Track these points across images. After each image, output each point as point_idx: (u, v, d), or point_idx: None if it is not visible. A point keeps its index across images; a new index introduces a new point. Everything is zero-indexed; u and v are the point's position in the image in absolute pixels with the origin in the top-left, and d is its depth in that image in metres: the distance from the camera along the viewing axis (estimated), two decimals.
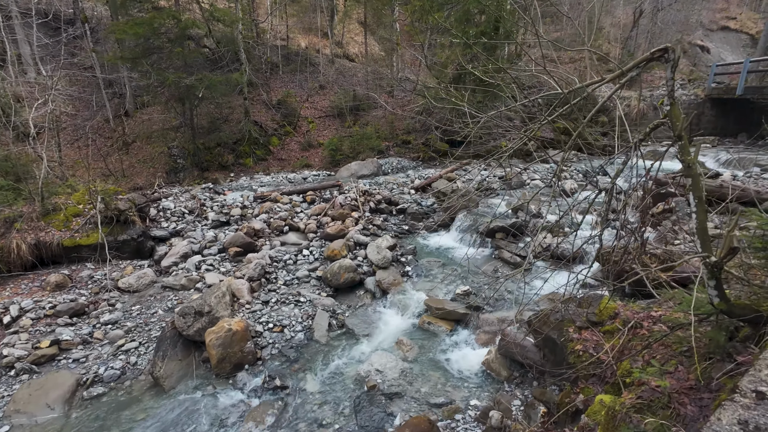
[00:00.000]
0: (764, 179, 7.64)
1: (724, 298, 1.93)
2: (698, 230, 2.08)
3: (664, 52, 1.97)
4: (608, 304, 3.29)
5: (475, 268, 6.82)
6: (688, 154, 2.08)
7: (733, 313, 1.97)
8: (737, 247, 1.89)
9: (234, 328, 4.78)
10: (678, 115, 2.08)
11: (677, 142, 2.11)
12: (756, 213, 2.33)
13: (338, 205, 8.64)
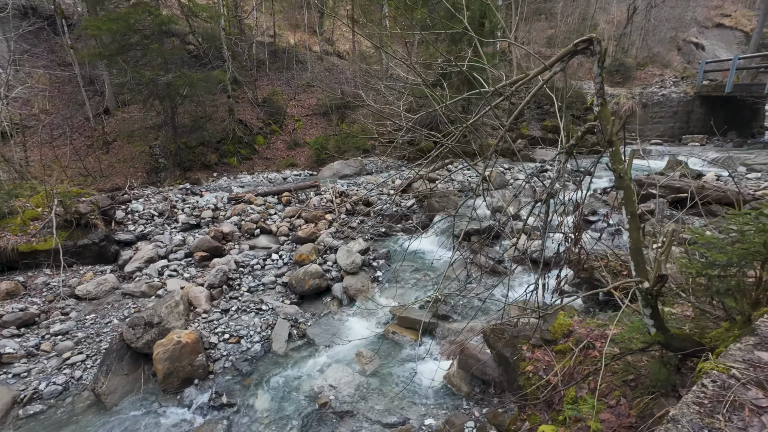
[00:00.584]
0: (748, 179, 7.43)
1: (662, 329, 1.69)
2: (632, 251, 1.83)
3: (588, 44, 1.72)
4: (563, 321, 3.05)
5: (448, 272, 6.57)
6: (620, 163, 1.83)
7: (672, 346, 1.73)
8: (665, 274, 1.64)
9: (184, 340, 4.52)
10: (608, 117, 1.83)
11: (608, 149, 1.86)
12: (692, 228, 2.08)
13: (313, 206, 8.38)
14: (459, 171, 11.08)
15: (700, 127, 14.46)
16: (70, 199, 7.01)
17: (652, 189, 7.18)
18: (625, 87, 24.01)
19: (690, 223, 6.33)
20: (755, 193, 6.44)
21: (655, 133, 14.52)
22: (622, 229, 6.91)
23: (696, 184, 6.73)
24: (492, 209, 8.16)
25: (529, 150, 13.98)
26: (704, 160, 10.87)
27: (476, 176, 10.35)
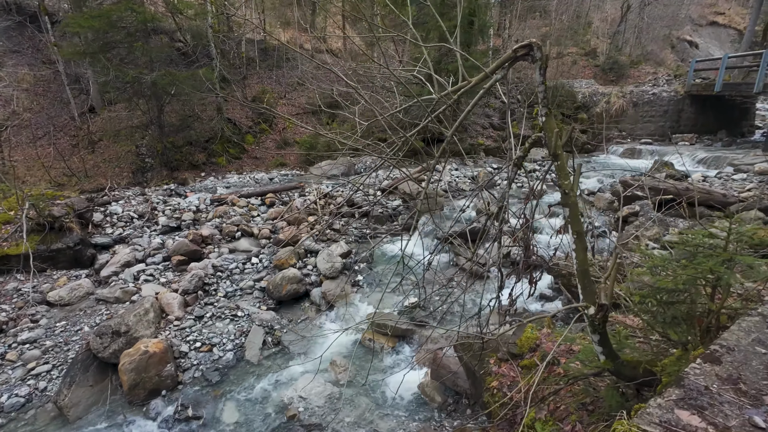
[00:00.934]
0: (734, 180, 7.36)
1: (611, 356, 1.58)
2: (578, 273, 1.72)
3: (528, 50, 1.60)
4: (531, 334, 2.94)
5: (430, 276, 6.46)
6: (566, 178, 1.71)
7: (622, 374, 1.62)
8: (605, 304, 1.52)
9: (152, 350, 4.39)
10: (552, 128, 1.71)
11: (553, 163, 1.74)
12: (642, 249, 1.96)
13: (296, 208, 8.24)
14: (447, 171, 10.97)
15: (690, 126, 14.41)
16: (44, 202, 6.83)
17: (637, 190, 7.10)
18: (618, 85, 23.98)
19: (673, 225, 6.26)
20: (739, 195, 6.37)
21: (646, 132, 14.46)
22: (607, 232, 6.84)
23: (681, 185, 6.65)
24: (477, 210, 8.06)
25: None
26: (690, 161, 10.83)
27: (463, 177, 10.24)
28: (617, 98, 14.39)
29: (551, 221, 7.50)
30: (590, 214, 7.43)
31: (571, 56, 27.93)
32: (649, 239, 6.00)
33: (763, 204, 5.93)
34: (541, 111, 1.71)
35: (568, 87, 14.69)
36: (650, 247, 5.84)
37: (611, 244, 6.49)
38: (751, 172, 7.86)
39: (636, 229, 6.17)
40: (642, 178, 7.23)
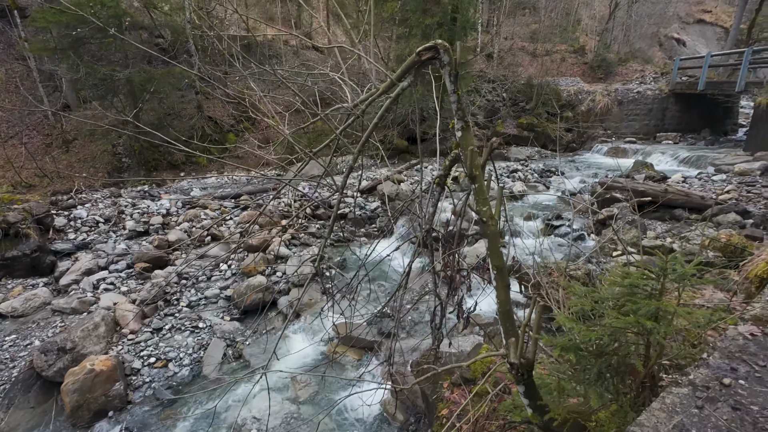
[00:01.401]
0: (714, 182, 7.25)
1: (539, 410, 1.38)
2: (500, 315, 1.50)
3: (433, 52, 1.38)
4: (485, 357, 2.74)
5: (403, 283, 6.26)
6: (484, 204, 1.50)
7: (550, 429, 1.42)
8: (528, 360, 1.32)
9: (98, 367, 4.12)
10: (469, 144, 1.50)
11: (472, 185, 1.53)
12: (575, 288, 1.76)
13: (269, 211, 7.97)
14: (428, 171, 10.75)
15: (675, 124, 14.37)
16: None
17: (616, 192, 6.95)
18: (606, 82, 23.96)
19: (652, 228, 6.11)
20: (717, 197, 6.25)
21: (631, 130, 14.40)
22: (585, 235, 6.68)
23: (659, 187, 6.52)
24: (453, 212, 7.85)
25: (504, 148, 13.72)
26: (672, 160, 10.74)
27: None
28: (602, 96, 14.29)
29: (530, 224, 7.34)
30: (569, 217, 7.28)
31: (560, 53, 27.88)
32: (627, 243, 5.86)
33: (741, 207, 5.81)
34: (456, 125, 1.49)
35: (553, 85, 14.55)
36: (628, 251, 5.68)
37: (589, 248, 6.34)
38: (731, 173, 7.77)
39: (612, 233, 6.01)
40: (621, 179, 7.09)
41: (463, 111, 1.45)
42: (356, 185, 9.80)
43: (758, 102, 8.88)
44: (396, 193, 8.71)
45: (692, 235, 5.58)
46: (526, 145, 14.29)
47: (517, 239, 6.87)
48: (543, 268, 4.50)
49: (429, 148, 13.93)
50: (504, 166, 10.98)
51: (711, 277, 1.43)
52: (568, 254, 6.02)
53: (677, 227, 6.13)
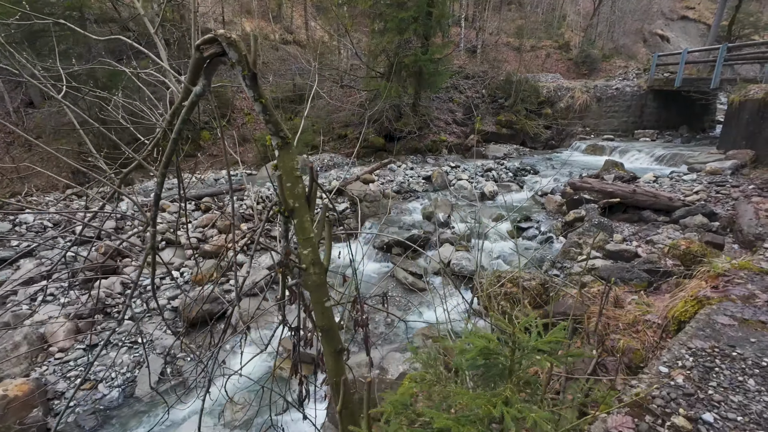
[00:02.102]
0: (684, 182, 7.11)
1: None
2: (331, 387, 1.22)
3: (217, 47, 1.07)
4: (408, 387, 2.47)
5: (366, 290, 5.98)
6: (306, 246, 1.21)
7: None
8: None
9: (12, 393, 3.76)
10: (290, 169, 1.20)
11: (289, 221, 1.23)
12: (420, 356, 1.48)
13: (228, 214, 7.61)
14: (401, 171, 10.46)
15: (653, 121, 14.31)
16: None
17: (585, 193, 6.75)
18: (590, 78, 23.92)
19: (619, 231, 5.92)
20: (685, 198, 6.09)
21: (610, 127, 14.30)
22: (553, 237, 6.48)
23: (628, 188, 6.34)
24: (425, 215, 7.60)
25: (482, 146, 13.51)
26: (648, 158, 10.62)
27: (418, 176, 9.76)
28: (581, 93, 14.15)
29: (499, 226, 7.11)
30: (538, 219, 7.07)
31: (545, 49, 27.81)
32: (592, 247, 5.66)
33: (708, 209, 5.65)
34: (273, 142, 1.19)
35: (532, 81, 14.35)
36: (592, 255, 5.50)
37: (556, 251, 6.13)
38: (702, 172, 7.65)
39: (578, 236, 5.81)
40: (590, 180, 6.89)
41: (275, 124, 1.15)
42: (324, 186, 9.49)
43: (731, 100, 8.77)
44: (364, 194, 8.41)
45: (658, 238, 5.40)
46: (505, 142, 14.10)
47: (485, 243, 6.64)
48: (496, 279, 4.25)
49: (407, 146, 13.66)
50: (480, 164, 10.75)
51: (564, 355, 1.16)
52: (521, 261, 5.81)
53: (645, 229, 5.95)
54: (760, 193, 6.20)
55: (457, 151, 13.56)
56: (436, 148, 13.46)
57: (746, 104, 8.27)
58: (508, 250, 6.41)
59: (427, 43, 12.18)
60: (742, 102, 8.43)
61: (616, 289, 3.62)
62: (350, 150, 13.90)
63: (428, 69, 11.46)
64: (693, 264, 3.81)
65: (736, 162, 7.52)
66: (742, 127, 8.37)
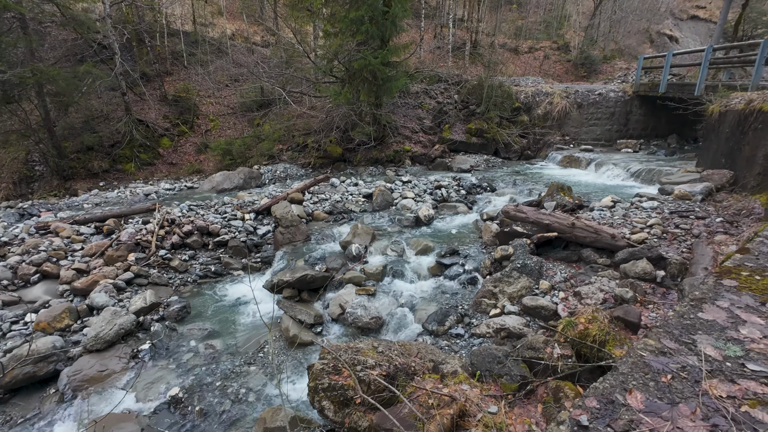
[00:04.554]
0: (643, 209, 5.97)
1: None
2: None
3: None
4: None
5: (245, 344, 5.00)
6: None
7: None
8: None
9: None
10: None
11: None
12: None
13: (124, 240, 6.71)
14: (342, 185, 9.44)
15: (640, 129, 13.09)
16: None
17: (518, 225, 5.68)
18: (589, 81, 22.66)
19: (550, 276, 4.86)
20: (631, 237, 4.97)
21: (591, 136, 13.10)
22: (478, 278, 5.43)
23: (567, 221, 5.24)
24: (342, 244, 6.60)
25: (448, 157, 12.43)
26: (623, 173, 9.45)
27: (358, 194, 8.75)
28: (560, 99, 12.98)
29: (422, 259, 6.08)
30: (468, 252, 6.01)
31: (543, 50, 26.63)
32: (510, 298, 4.60)
33: (655, 252, 4.54)
34: None
35: (507, 86, 13.22)
36: (506, 310, 4.45)
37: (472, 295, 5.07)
38: (671, 197, 6.51)
39: (494, 283, 4.74)
40: (526, 208, 5.81)
41: None
42: (253, 204, 8.54)
43: (710, 110, 7.58)
44: (287, 215, 7.44)
45: (588, 290, 4.32)
46: (475, 152, 13.01)
47: (398, 282, 5.62)
48: (353, 351, 3.26)
49: (367, 156, 12.66)
50: (433, 180, 9.69)
51: None
52: (450, 309, 4.75)
53: (581, 274, 4.87)
54: (727, 228, 5.05)
55: (421, 162, 12.51)
56: (399, 159, 12.43)
57: (726, 115, 7.08)
58: (420, 293, 5.37)
59: (385, 46, 11.17)
60: (722, 113, 7.25)
61: (469, 394, 2.59)
62: (308, 160, 12.95)
63: (382, 73, 10.45)
64: (592, 355, 2.76)
65: (709, 186, 6.35)
66: (721, 142, 7.18)
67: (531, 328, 4.20)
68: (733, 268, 2.45)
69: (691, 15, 33.69)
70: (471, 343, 4.17)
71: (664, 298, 4.09)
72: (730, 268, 2.44)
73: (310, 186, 8.80)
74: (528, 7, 31.79)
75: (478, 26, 26.52)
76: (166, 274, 6.59)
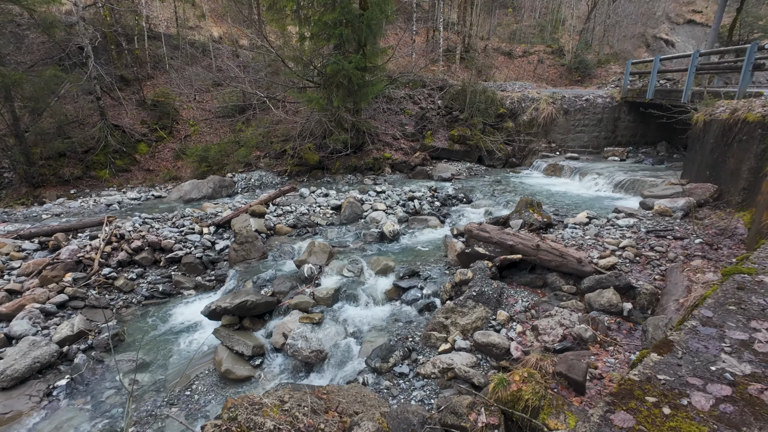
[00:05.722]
0: (618, 228, 5.51)
1: None
2: None
3: None
4: None
5: (174, 376, 4.53)
6: None
7: None
8: None
9: None
10: None
11: None
12: None
13: (64, 257, 6.25)
14: (311, 196, 8.98)
15: (628, 136, 12.66)
16: None
17: (480, 245, 5.23)
18: (583, 85, 22.28)
19: (510, 304, 4.41)
20: (599, 261, 4.51)
21: (579, 143, 12.67)
22: (437, 303, 4.97)
23: (532, 242, 4.78)
24: (297, 263, 6.14)
25: (429, 165, 11.97)
26: (606, 184, 9.01)
27: (327, 205, 8.29)
28: (546, 104, 12.55)
29: (381, 281, 5.62)
30: (430, 274, 5.55)
31: (537, 54, 26.31)
32: (464, 329, 4.14)
33: (623, 281, 4.08)
34: None
35: (491, 92, 12.79)
36: (457, 345, 3.99)
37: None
38: (651, 212, 6.06)
39: (446, 314, 4.28)
40: (489, 227, 5.35)
41: None
42: (215, 216, 8.08)
43: (695, 119, 7.15)
44: (244, 230, 6.98)
45: (547, 324, 3.85)
46: (458, 159, 12.57)
47: (350, 307, 5.15)
48: (253, 409, 2.80)
49: (346, 163, 12.21)
50: (407, 190, 9.23)
51: None
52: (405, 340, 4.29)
53: (545, 303, 4.40)
54: (706, 252, 4.60)
55: (401, 169, 12.06)
56: (379, 167, 11.98)
57: (711, 125, 6.64)
58: (372, 321, 4.91)
59: (364, 51, 10.74)
60: (707, 122, 6.81)
61: None
62: (284, 168, 12.50)
63: (356, 78, 10.01)
64: (524, 425, 2.29)
65: (690, 201, 5.90)
66: (706, 153, 6.74)
67: (481, 368, 3.74)
68: (638, 384, 1.55)
69: (687, 19, 33.50)
70: (413, 385, 3.70)
71: (629, 335, 3.63)
72: (632, 387, 1.53)
73: (275, 197, 8.34)
74: (523, 11, 31.52)
75: (471, 30, 26.22)
76: (108, 294, 6.13)
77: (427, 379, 3.74)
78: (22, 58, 15.75)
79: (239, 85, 16.51)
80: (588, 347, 3.39)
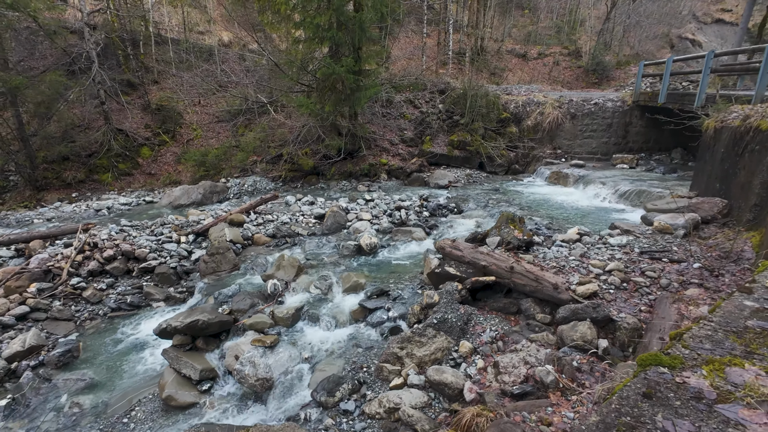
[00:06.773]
0: (609, 247, 4.97)
1: None
2: None
3: None
4: None
5: (118, 399, 4.27)
6: None
7: None
8: None
9: None
10: None
11: None
12: None
13: (33, 266, 6.14)
14: (296, 204, 8.70)
15: (640, 142, 11.91)
16: None
17: (451, 265, 4.80)
18: (601, 88, 21.44)
19: (476, 333, 3.99)
20: (577, 288, 4.01)
21: (587, 149, 12.00)
22: (403, 327, 4.58)
23: (506, 264, 4.33)
24: (264, 278, 5.84)
25: (427, 171, 11.54)
26: (611, 195, 8.39)
27: (310, 214, 7.99)
28: (552, 108, 11.95)
29: (348, 300, 5.26)
30: (401, 293, 5.15)
31: (553, 56, 25.56)
32: (420, 362, 3.72)
33: (601, 312, 3.59)
34: None
35: (492, 95, 12.27)
36: (410, 380, 3.58)
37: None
38: (650, 229, 5.49)
39: (401, 343, 3.87)
40: (462, 244, 4.91)
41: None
42: (197, 224, 7.89)
43: (705, 126, 6.51)
44: (217, 240, 6.74)
45: (509, 361, 3.40)
46: (458, 166, 12.09)
47: (310, 329, 4.80)
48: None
49: (341, 169, 11.91)
50: (397, 198, 8.84)
51: None
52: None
53: (515, 333, 3.94)
54: (704, 279, 4.04)
55: (398, 176, 11.68)
56: (374, 173, 11.63)
57: (722, 133, 6.01)
58: (331, 345, 4.54)
59: (359, 54, 10.44)
60: (717, 129, 6.17)
61: None
62: (279, 173, 12.30)
63: (349, 82, 9.71)
64: None
65: (694, 217, 5.30)
66: (716, 163, 6.11)
67: (433, 409, 3.32)
68: None
69: (715, 18, 32.03)
70: (353, 427, 3.32)
71: (602, 380, 3.14)
72: None
73: (257, 205, 8.09)
74: (539, 12, 30.69)
75: (483, 32, 25.64)
76: (74, 306, 5.97)
77: (371, 419, 3.35)
78: (35, 63, 16.15)
79: (242, 89, 16.50)
80: (548, 394, 2.93)
